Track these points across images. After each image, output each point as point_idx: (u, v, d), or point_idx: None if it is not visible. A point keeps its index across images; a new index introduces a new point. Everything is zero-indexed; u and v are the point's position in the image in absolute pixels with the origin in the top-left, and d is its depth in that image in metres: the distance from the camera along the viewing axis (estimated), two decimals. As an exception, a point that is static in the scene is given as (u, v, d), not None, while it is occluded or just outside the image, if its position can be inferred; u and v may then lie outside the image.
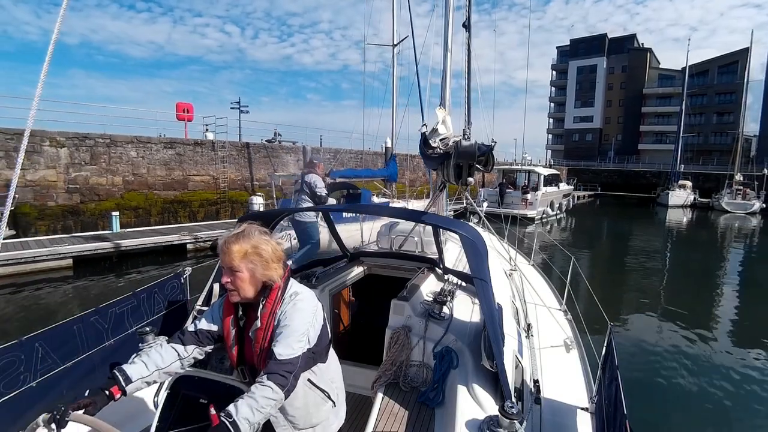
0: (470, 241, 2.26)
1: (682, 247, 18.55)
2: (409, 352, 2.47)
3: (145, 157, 14.11)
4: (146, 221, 14.00)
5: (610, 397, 1.92)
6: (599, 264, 13.88)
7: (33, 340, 2.48)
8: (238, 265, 1.52)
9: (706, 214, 30.38)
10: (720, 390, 5.28)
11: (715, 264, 14.54)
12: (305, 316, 1.55)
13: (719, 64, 52.60)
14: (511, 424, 1.67)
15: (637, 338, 6.75)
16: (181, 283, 3.64)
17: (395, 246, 4.26)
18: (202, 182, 15.61)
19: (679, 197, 33.31)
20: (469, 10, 4.91)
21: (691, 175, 37.24)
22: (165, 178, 14.60)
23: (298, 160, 18.81)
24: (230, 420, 1.28)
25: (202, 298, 2.77)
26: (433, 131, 4.10)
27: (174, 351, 1.58)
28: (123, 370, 1.48)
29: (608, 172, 45.37)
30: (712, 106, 52.34)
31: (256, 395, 1.35)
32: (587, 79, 61.11)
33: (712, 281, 11.71)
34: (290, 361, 1.44)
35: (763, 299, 10.06)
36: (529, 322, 3.47)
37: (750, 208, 29.75)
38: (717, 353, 6.34)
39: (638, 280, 11.46)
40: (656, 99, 56.47)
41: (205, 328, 1.65)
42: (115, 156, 13.46)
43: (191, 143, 15.47)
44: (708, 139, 51.40)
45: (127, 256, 10.45)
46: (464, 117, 5.05)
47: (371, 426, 2.03)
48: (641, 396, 4.94)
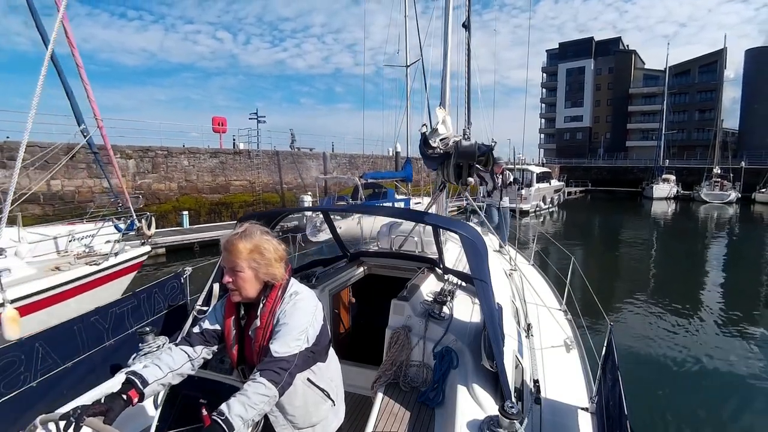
0: (470, 241, 2.27)
1: (668, 235, 20.23)
2: (409, 352, 2.47)
3: (194, 165, 16.39)
4: (196, 221, 16.25)
5: (611, 397, 1.91)
6: (594, 256, 14.69)
7: (33, 340, 2.50)
8: (241, 264, 1.52)
9: (688, 204, 32.93)
10: (720, 389, 5.28)
11: (700, 250, 15.78)
12: (305, 316, 1.54)
13: (700, 64, 55.42)
14: (511, 424, 1.67)
15: (636, 337, 6.71)
16: (181, 283, 3.69)
17: (395, 246, 4.27)
18: (241, 186, 17.90)
19: (663, 190, 35.91)
20: (468, 10, 4.87)
21: (675, 170, 39.69)
22: (211, 183, 16.88)
23: (319, 165, 21.18)
24: (222, 418, 1.27)
25: (202, 298, 2.80)
26: (433, 131, 4.11)
27: (183, 353, 1.58)
28: (137, 373, 1.46)
29: (598, 169, 47.62)
30: (694, 104, 55.11)
31: (248, 392, 1.34)
32: (576, 80, 63.89)
33: (700, 269, 12.34)
34: (286, 359, 1.43)
35: (752, 285, 10.66)
36: (529, 322, 3.45)
37: (726, 198, 32.38)
38: (717, 352, 6.27)
39: (632, 273, 11.97)
40: (642, 98, 59.22)
41: (210, 328, 1.64)
42: (171, 165, 15.73)
43: (231, 152, 17.78)
44: (691, 135, 54.08)
45: (204, 246, 12.90)
46: (464, 117, 5.14)
47: (371, 426, 2.03)
48: (641, 396, 4.86)
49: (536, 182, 24.70)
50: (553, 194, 27.72)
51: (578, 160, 51.79)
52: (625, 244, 17.27)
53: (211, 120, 20.80)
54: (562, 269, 5.09)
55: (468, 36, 4.87)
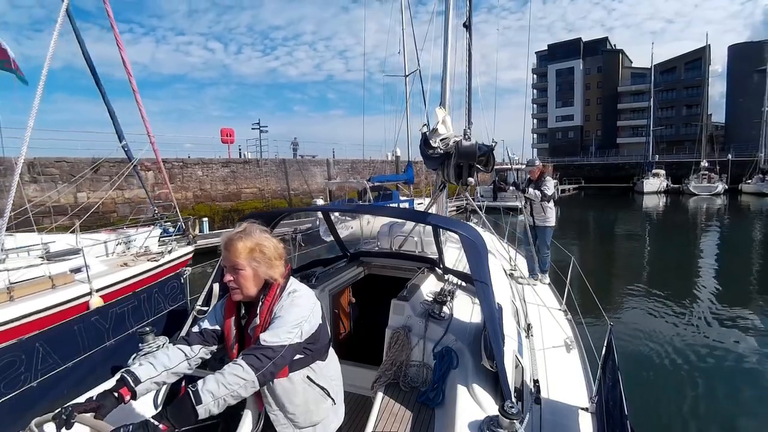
0: (470, 242, 2.28)
1: (660, 228, 20.97)
2: (409, 352, 2.47)
3: (208, 175, 17.31)
4: (211, 227, 17.14)
5: (611, 397, 1.92)
6: (589, 251, 14.89)
7: (33, 340, 2.51)
8: (241, 263, 1.54)
9: (677, 197, 34.25)
10: (721, 388, 5.25)
11: (692, 242, 16.24)
12: (300, 311, 1.55)
13: (686, 61, 56.93)
14: (511, 424, 1.67)
15: (636, 337, 6.70)
16: (180, 283, 3.73)
17: (395, 246, 4.27)
18: (252, 193, 18.83)
19: (653, 184, 37.18)
20: (469, 10, 4.85)
21: (665, 164, 41.03)
22: (223, 192, 17.80)
23: (323, 171, 22.14)
24: (194, 390, 1.32)
25: (202, 298, 2.81)
26: (433, 131, 4.13)
27: (180, 351, 1.59)
28: (131, 371, 1.47)
29: (590, 166, 48.91)
30: (681, 100, 56.52)
31: (225, 371, 1.37)
32: (566, 80, 65.33)
33: (694, 261, 12.49)
34: (272, 347, 1.44)
35: (746, 276, 10.83)
36: (529, 322, 3.45)
37: (714, 190, 33.69)
38: (717, 350, 6.23)
39: (627, 268, 12.13)
40: (630, 96, 60.61)
41: (209, 328, 1.66)
42: (187, 175, 16.64)
43: (241, 162, 18.75)
44: (679, 130, 55.43)
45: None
46: (465, 117, 5.09)
47: (371, 426, 2.04)
48: (641, 396, 4.86)
49: (531, 181, 25.84)
50: (548, 192, 28.87)
51: (571, 159, 52.88)
52: (620, 238, 17.80)
53: (219, 131, 21.78)
54: (563, 269, 5.01)
55: (469, 36, 4.86)
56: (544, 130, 69.44)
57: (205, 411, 1.31)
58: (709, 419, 4.65)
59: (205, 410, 1.31)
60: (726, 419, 4.66)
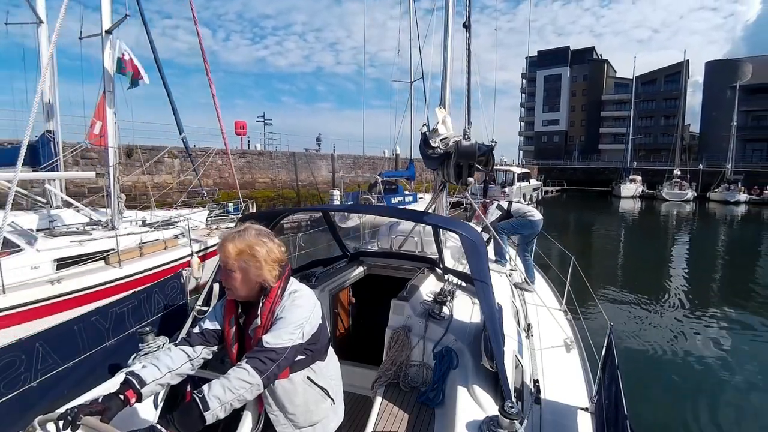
0: (470, 241, 2.29)
1: (636, 230, 22.44)
2: (409, 352, 2.48)
3: (227, 164, 18.76)
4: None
5: (611, 397, 1.92)
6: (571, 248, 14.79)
7: (33, 340, 2.54)
8: (231, 264, 1.54)
9: (651, 202, 36.75)
10: (720, 388, 5.27)
11: (666, 243, 17.12)
12: (301, 312, 1.56)
13: (666, 74, 59.97)
14: (511, 424, 1.67)
15: (636, 336, 6.74)
16: (180, 283, 3.73)
17: (395, 246, 4.28)
18: (264, 183, 20.37)
19: (629, 189, 39.90)
20: (469, 10, 4.96)
21: (642, 171, 43.65)
22: (240, 180, 19.25)
23: (328, 165, 23.80)
24: (200, 396, 1.32)
25: (202, 298, 2.80)
26: (433, 131, 4.11)
27: (183, 353, 1.59)
28: (135, 374, 1.47)
29: (573, 170, 51.29)
30: (660, 111, 59.51)
31: (230, 376, 1.37)
32: (553, 87, 67.96)
33: (667, 261, 13.05)
34: (275, 350, 1.44)
35: (745, 278, 11.38)
36: (529, 322, 3.44)
37: (684, 196, 36.51)
38: (717, 350, 6.30)
39: (603, 266, 12.66)
40: (613, 104, 63.51)
41: (210, 328, 1.66)
42: (209, 164, 18.06)
43: (257, 153, 20.27)
44: (657, 139, 58.51)
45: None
46: (464, 117, 5.18)
47: (371, 426, 2.06)
48: (641, 396, 4.87)
49: (517, 181, 28.03)
50: (532, 192, 31.22)
51: (555, 162, 55.35)
52: (599, 235, 19.08)
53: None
54: (563, 269, 5.08)
55: (468, 36, 4.93)
56: (530, 133, 72.09)
57: (212, 417, 1.33)
58: (709, 419, 4.65)
59: (213, 416, 1.33)
60: (726, 419, 4.66)
